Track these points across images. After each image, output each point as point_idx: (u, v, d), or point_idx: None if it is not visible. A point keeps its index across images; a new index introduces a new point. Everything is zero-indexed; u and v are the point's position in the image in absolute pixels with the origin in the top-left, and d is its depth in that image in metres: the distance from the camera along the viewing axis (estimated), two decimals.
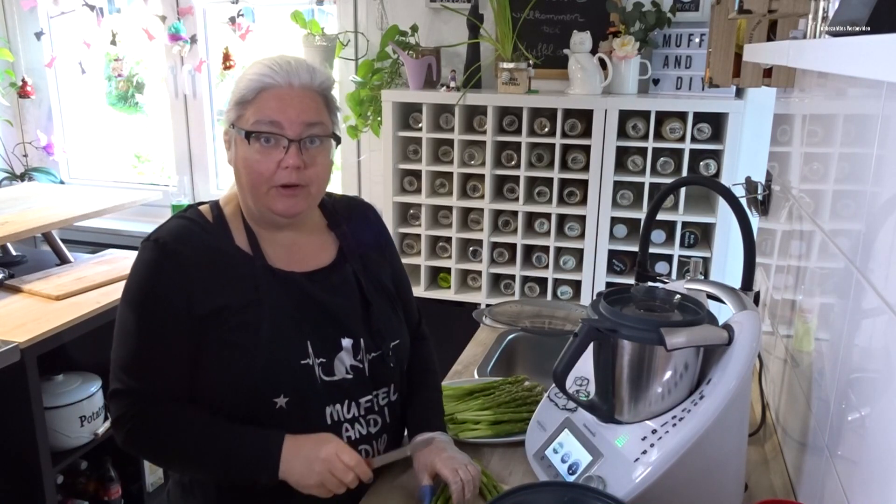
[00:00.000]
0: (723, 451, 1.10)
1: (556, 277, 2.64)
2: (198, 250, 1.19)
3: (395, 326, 1.33)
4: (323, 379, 1.22)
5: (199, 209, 1.26)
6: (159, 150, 3.87)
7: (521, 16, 2.64)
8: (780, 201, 1.54)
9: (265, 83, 1.16)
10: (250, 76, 1.18)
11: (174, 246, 1.18)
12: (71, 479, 2.41)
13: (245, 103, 1.17)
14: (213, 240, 1.22)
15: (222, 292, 1.18)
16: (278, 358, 1.18)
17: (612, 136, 2.43)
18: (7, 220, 2.49)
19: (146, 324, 1.18)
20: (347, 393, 1.24)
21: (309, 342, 1.21)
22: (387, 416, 1.30)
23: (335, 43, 2.91)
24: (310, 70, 1.19)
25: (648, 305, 1.14)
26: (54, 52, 3.52)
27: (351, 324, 1.26)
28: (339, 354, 1.24)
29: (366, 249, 1.34)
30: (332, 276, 1.28)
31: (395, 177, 2.73)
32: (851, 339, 0.92)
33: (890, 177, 0.81)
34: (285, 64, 1.18)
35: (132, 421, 1.20)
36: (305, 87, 1.18)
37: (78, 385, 2.24)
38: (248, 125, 1.17)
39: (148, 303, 1.18)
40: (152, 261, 1.18)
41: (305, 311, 1.23)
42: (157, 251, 1.18)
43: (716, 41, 1.64)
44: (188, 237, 1.20)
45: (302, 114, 1.17)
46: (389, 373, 1.31)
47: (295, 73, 1.17)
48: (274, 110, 1.16)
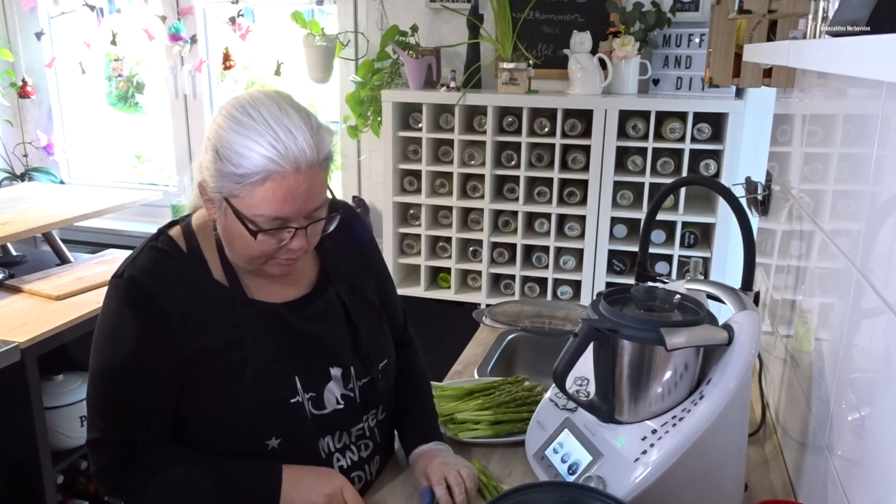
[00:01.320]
0: (723, 451, 1.10)
1: (556, 277, 2.64)
2: (173, 288, 1.10)
3: (383, 345, 1.29)
4: (313, 413, 1.17)
5: (171, 235, 1.15)
6: (159, 150, 3.87)
7: (521, 16, 2.64)
8: (780, 201, 1.54)
9: (268, 170, 1.01)
10: (245, 147, 1.01)
11: (147, 284, 1.09)
12: (71, 479, 2.41)
13: (241, 183, 1.03)
14: (189, 274, 1.12)
15: (202, 333, 1.10)
16: (266, 400, 1.12)
17: (612, 136, 2.43)
18: (7, 220, 2.49)
19: (122, 367, 1.10)
20: (338, 424, 1.20)
21: (297, 378, 1.15)
22: (377, 436, 1.27)
23: (335, 43, 2.91)
24: (314, 141, 1.04)
25: (648, 305, 1.14)
26: (54, 52, 3.52)
27: (339, 352, 1.21)
28: (329, 385, 1.18)
29: (349, 265, 1.27)
30: (316, 303, 1.21)
31: (395, 177, 2.73)
32: (851, 339, 0.92)
33: (890, 177, 0.81)
34: (291, 143, 1.02)
35: (118, 471, 1.13)
36: (311, 165, 1.04)
37: (78, 385, 2.24)
38: (249, 212, 1.04)
39: (122, 345, 1.10)
40: (125, 300, 1.09)
41: (291, 344, 1.16)
42: (129, 290, 1.09)
43: (716, 41, 1.64)
44: (162, 273, 1.11)
45: (309, 201, 1.06)
46: (379, 394, 1.27)
47: (302, 153, 1.02)
48: (280, 204, 1.03)
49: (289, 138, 1.02)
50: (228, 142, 1.03)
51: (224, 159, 1.03)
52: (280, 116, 1.03)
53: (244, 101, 1.06)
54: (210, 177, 1.06)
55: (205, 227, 1.16)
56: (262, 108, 1.04)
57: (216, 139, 1.05)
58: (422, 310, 2.70)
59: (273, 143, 1.01)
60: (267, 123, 1.02)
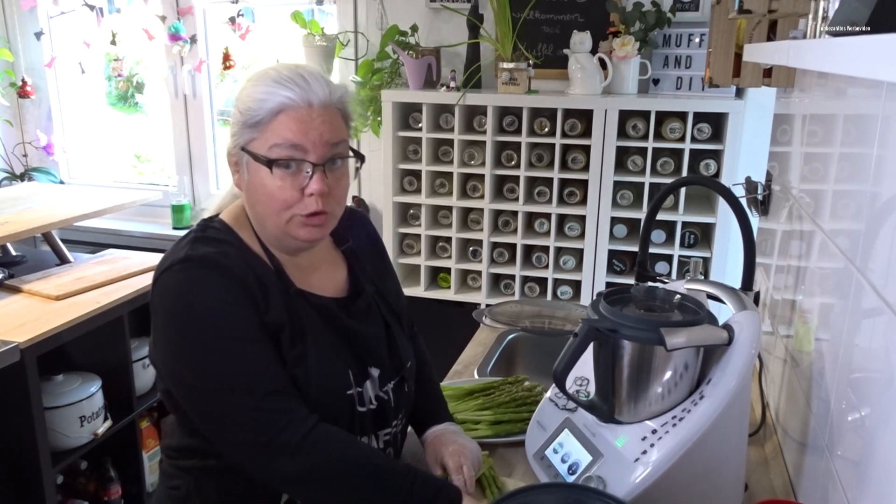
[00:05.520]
0: (723, 451, 1.10)
1: (556, 277, 2.64)
2: (239, 265, 1.07)
3: (408, 347, 1.29)
4: (358, 410, 1.15)
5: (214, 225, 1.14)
6: (159, 150, 3.87)
7: (521, 16, 2.64)
8: (780, 201, 1.54)
9: (282, 104, 1.05)
10: (261, 94, 1.06)
11: (217, 258, 1.06)
12: (71, 479, 2.41)
13: (258, 125, 1.06)
14: (247, 257, 1.10)
15: (275, 312, 1.07)
16: (328, 389, 1.11)
17: (612, 136, 2.43)
18: (7, 220, 2.49)
19: (229, 342, 1.03)
20: (371, 426, 1.18)
21: (350, 372, 1.14)
22: (398, 443, 1.26)
23: (335, 43, 2.91)
24: (326, 83, 1.09)
25: (648, 305, 1.14)
26: (54, 52, 3.52)
27: (380, 353, 1.20)
28: (366, 384, 1.17)
29: (373, 267, 1.28)
30: (358, 302, 1.21)
31: (395, 177, 2.73)
32: (851, 339, 0.92)
33: (890, 177, 0.81)
34: (300, 80, 1.07)
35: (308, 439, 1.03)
36: (325, 104, 1.08)
37: (78, 385, 2.24)
38: (266, 150, 1.06)
39: (219, 317, 1.03)
40: (199, 278, 1.05)
41: (342, 338, 1.16)
42: (201, 267, 1.05)
43: (716, 41, 1.64)
44: (223, 253, 1.08)
45: (325, 134, 1.07)
46: (406, 398, 1.26)
47: (312, 90, 1.07)
48: (295, 133, 1.05)
49: (299, 79, 1.08)
50: (246, 95, 1.09)
51: (243, 112, 1.08)
52: (293, 68, 1.10)
53: (261, 68, 1.13)
54: (232, 137, 1.11)
55: (237, 220, 1.16)
56: (279, 65, 1.11)
57: (237, 101, 1.11)
58: (422, 310, 2.69)
59: (283, 81, 1.07)
60: (278, 72, 1.09)
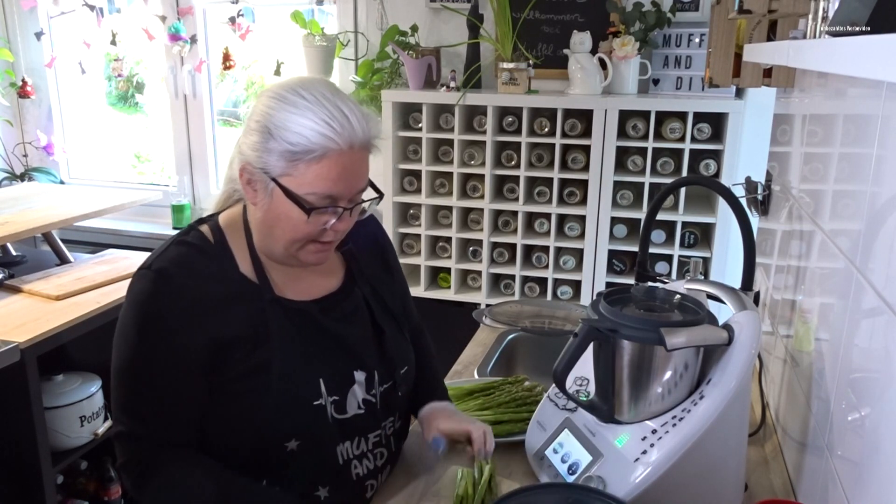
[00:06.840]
0: (723, 451, 1.10)
1: (556, 277, 2.64)
2: (201, 280, 1.09)
3: (405, 351, 1.28)
4: (335, 417, 1.15)
5: (201, 230, 1.15)
6: (159, 150, 3.87)
7: (521, 16, 2.64)
8: (780, 201, 1.54)
9: (326, 148, 1.03)
10: (303, 128, 1.02)
11: (175, 274, 1.08)
12: (71, 479, 2.41)
13: (295, 161, 1.03)
14: (218, 267, 1.12)
15: (229, 327, 1.09)
16: (289, 401, 1.11)
17: (611, 136, 2.43)
18: (7, 220, 2.49)
19: (148, 360, 1.08)
20: (358, 429, 1.19)
21: (321, 380, 1.13)
22: (392, 445, 1.27)
23: (335, 43, 2.91)
24: (365, 120, 1.07)
25: (648, 305, 1.14)
26: (54, 52, 3.52)
27: (364, 355, 1.20)
28: (352, 388, 1.17)
29: (373, 269, 1.28)
30: (343, 304, 1.20)
31: (395, 177, 2.73)
32: (851, 339, 0.92)
33: (890, 177, 0.81)
34: (343, 119, 1.04)
35: (139, 467, 1.10)
36: (363, 145, 1.07)
37: (78, 385, 2.24)
38: (300, 191, 1.04)
39: (149, 336, 1.07)
40: (151, 291, 1.07)
41: (317, 344, 1.15)
42: (156, 281, 1.08)
43: (716, 41, 1.64)
44: (189, 265, 1.10)
45: (358, 183, 1.08)
46: (399, 401, 1.26)
47: (354, 133, 1.05)
48: (334, 182, 1.04)
49: (342, 117, 1.04)
50: (282, 120, 1.03)
51: (277, 138, 1.03)
52: (332, 97, 1.05)
53: (294, 83, 1.08)
54: (256, 158, 1.05)
55: (232, 223, 1.16)
56: (314, 90, 1.06)
57: (265, 119, 1.05)
58: (422, 310, 2.66)
59: (328, 120, 1.03)
60: (320, 102, 1.04)
